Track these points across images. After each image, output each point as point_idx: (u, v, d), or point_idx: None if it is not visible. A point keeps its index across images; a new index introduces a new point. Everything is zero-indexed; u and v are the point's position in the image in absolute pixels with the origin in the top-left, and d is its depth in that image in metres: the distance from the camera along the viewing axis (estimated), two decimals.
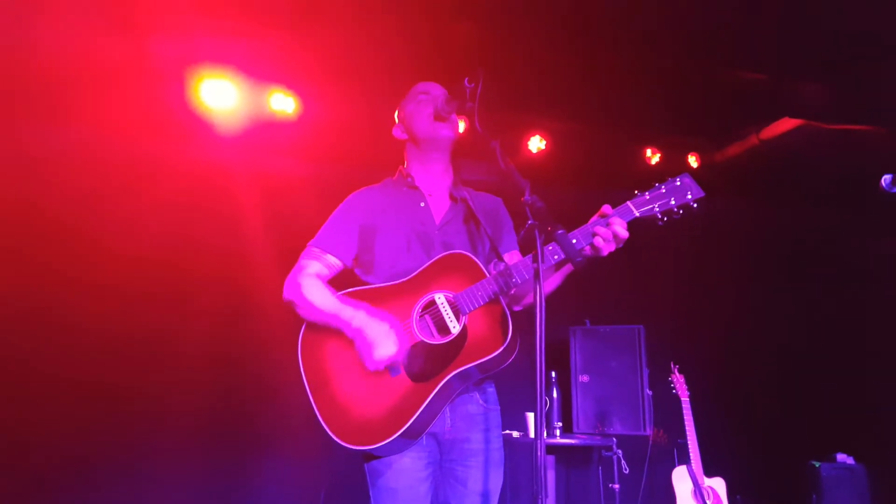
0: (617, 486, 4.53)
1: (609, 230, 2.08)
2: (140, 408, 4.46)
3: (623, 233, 2.09)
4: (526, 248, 2.17)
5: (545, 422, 1.79)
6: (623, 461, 4.53)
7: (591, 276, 2.25)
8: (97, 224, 4.46)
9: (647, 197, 2.15)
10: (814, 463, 4.99)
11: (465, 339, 2.15)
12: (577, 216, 2.17)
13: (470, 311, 2.16)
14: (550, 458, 5.11)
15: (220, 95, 4.49)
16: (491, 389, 2.40)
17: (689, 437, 4.50)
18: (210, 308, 4.70)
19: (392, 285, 2.29)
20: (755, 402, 5.81)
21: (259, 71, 4.58)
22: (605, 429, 4.95)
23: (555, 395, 4.81)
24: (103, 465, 4.35)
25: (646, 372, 5.02)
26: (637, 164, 5.75)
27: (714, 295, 5.94)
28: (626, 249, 2.16)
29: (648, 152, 5.76)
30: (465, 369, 2.12)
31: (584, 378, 5.13)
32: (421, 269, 2.28)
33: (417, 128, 2.45)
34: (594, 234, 2.09)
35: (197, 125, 4.54)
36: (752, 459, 5.59)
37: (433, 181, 2.50)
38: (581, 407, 5.08)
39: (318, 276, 2.37)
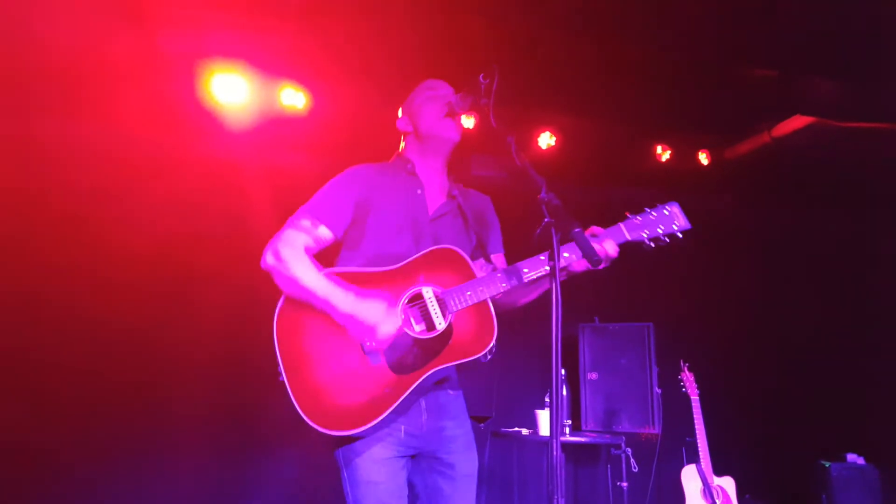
0: (625, 484, 4.51)
1: (602, 249, 2.20)
2: (145, 402, 4.46)
3: (614, 252, 2.23)
4: (542, 246, 2.18)
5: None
6: (632, 459, 4.51)
7: (601, 274, 2.27)
8: (106, 219, 4.45)
9: (639, 220, 2.27)
10: (823, 463, 4.97)
11: (449, 336, 2.15)
12: (588, 213, 2.18)
13: (457, 309, 2.16)
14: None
15: (230, 90, 4.49)
16: (454, 376, 2.39)
17: (698, 436, 4.49)
18: (218, 304, 4.69)
19: (379, 272, 2.25)
20: (765, 400, 5.77)
21: (269, 66, 4.57)
22: (614, 427, 4.93)
23: (564, 392, 4.80)
24: (109, 459, 4.35)
25: (655, 370, 5.00)
26: (647, 161, 5.73)
27: (724, 293, 5.91)
28: (635, 248, 2.25)
29: (659, 149, 5.73)
30: (446, 367, 2.14)
31: (593, 376, 5.12)
32: (410, 259, 2.25)
33: (424, 124, 2.46)
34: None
35: (207, 120, 4.53)
36: (762, 459, 5.57)
37: (431, 174, 2.51)
38: (590, 405, 5.07)
39: (307, 249, 2.29)
